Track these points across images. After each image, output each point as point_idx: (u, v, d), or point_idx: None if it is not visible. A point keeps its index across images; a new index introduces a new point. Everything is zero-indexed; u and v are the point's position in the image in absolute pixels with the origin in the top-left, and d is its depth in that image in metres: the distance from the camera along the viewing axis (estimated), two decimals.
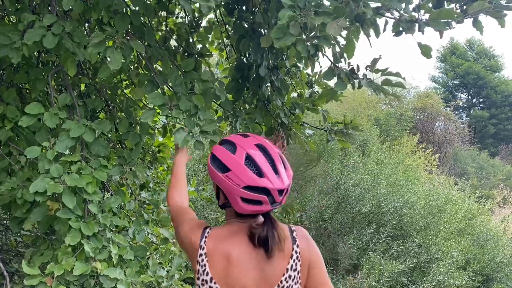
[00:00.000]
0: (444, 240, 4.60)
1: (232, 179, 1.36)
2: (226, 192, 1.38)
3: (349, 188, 4.58)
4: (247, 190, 1.34)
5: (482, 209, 6.58)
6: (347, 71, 1.76)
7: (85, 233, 1.90)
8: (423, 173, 9.25)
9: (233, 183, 1.35)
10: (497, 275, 5.19)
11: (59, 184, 1.81)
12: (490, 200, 8.52)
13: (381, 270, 3.52)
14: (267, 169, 1.36)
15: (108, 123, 2.01)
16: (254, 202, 1.36)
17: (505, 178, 19.34)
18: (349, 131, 2.34)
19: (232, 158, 1.37)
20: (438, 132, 21.10)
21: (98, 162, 1.94)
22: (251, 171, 1.35)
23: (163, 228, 2.32)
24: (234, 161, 1.36)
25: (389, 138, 13.38)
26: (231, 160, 1.37)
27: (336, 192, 4.62)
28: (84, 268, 1.88)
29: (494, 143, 28.89)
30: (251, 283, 1.39)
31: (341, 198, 4.61)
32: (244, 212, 1.39)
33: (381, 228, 4.20)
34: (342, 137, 2.34)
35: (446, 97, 29.52)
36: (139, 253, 2.17)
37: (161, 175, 3.06)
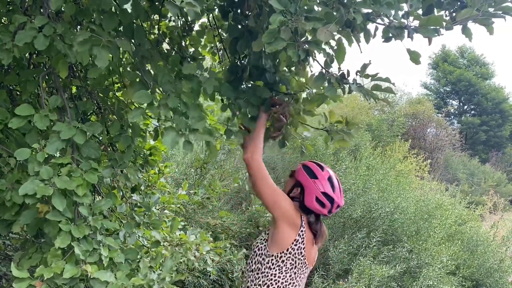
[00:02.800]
0: (434, 245, 4.63)
1: (317, 184, 2.09)
2: (307, 190, 2.09)
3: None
4: (323, 195, 2.07)
5: (472, 215, 6.63)
6: (338, 76, 1.78)
7: (76, 235, 1.88)
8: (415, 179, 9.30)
9: (317, 187, 2.08)
10: (487, 281, 5.23)
11: (49, 187, 1.80)
12: (480, 206, 8.59)
13: (372, 275, 3.54)
14: (337, 189, 2.11)
15: (99, 125, 2.00)
16: (321, 204, 2.08)
17: (496, 184, 19.53)
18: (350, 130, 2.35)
19: (320, 173, 2.11)
20: (430, 138, 21.25)
21: (89, 164, 1.93)
22: (329, 186, 2.09)
23: (155, 231, 2.32)
24: (321, 175, 2.10)
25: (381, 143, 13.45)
26: (319, 174, 2.11)
27: None
28: (74, 271, 1.86)
29: (484, 149, 29.16)
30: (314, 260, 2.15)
31: None
32: (311, 207, 2.09)
33: (372, 233, 4.22)
34: (343, 136, 2.34)
35: (438, 103, 29.78)
36: (130, 256, 2.16)
37: (153, 178, 3.05)
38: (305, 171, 2.14)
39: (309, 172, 2.13)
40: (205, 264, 3.12)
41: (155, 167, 2.92)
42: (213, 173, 4.96)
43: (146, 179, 2.98)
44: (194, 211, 4.41)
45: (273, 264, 2.04)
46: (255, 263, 2.11)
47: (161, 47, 2.37)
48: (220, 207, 4.94)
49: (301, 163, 2.20)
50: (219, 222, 4.44)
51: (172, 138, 1.78)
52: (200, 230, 3.14)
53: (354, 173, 5.40)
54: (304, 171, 2.14)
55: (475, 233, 5.84)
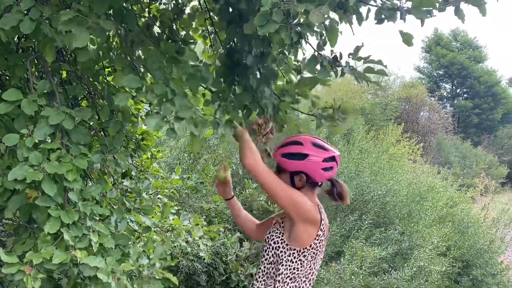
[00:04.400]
0: (425, 227, 4.68)
1: (313, 159, 1.97)
2: (311, 171, 1.98)
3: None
4: (325, 162, 1.97)
5: (463, 197, 6.70)
6: (330, 59, 1.76)
7: (65, 221, 1.87)
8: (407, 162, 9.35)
9: (315, 162, 1.97)
10: (477, 261, 5.31)
11: (39, 172, 1.79)
12: (471, 188, 8.68)
13: (363, 257, 3.58)
14: (326, 145, 2.03)
15: (88, 110, 1.98)
16: (329, 169, 2.00)
17: (487, 167, 19.71)
18: (339, 115, 2.33)
19: (304, 148, 1.98)
20: (423, 122, 21.35)
21: (78, 149, 1.91)
22: (320, 149, 1.98)
23: (145, 217, 2.31)
24: (307, 149, 1.98)
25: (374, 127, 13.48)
26: (304, 149, 1.98)
27: None
28: (63, 256, 1.86)
29: (477, 132, 29.35)
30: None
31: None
32: (323, 179, 2.03)
33: (364, 216, 4.25)
34: (333, 122, 2.33)
35: (431, 87, 29.81)
36: (121, 241, 2.15)
37: (145, 163, 3.04)
38: (291, 159, 2.00)
39: (294, 156, 2.00)
40: (198, 249, 3.13)
41: (148, 152, 2.90)
42: (206, 158, 4.95)
43: (138, 164, 2.97)
44: (188, 196, 4.41)
45: (295, 258, 2.00)
46: (272, 256, 2.05)
47: (151, 30, 2.33)
48: (214, 192, 4.95)
49: (277, 154, 2.07)
50: (212, 206, 4.45)
51: (155, 122, 1.78)
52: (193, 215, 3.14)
53: (347, 157, 5.41)
54: (289, 159, 2.01)
55: (466, 215, 5.91)
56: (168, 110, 1.79)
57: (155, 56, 1.90)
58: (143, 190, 2.42)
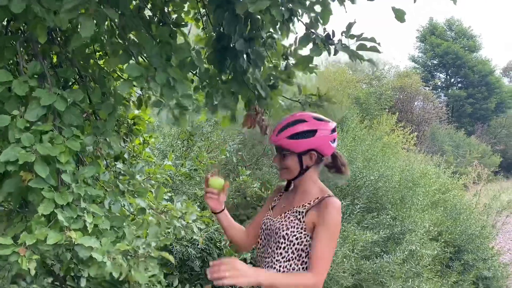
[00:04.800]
0: (417, 212, 4.73)
1: (322, 133, 1.89)
2: (321, 145, 1.89)
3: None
4: (332, 133, 1.92)
5: (456, 183, 6.77)
6: (323, 37, 1.77)
7: (59, 202, 1.88)
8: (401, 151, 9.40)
9: (325, 135, 1.89)
10: (468, 247, 5.38)
11: (31, 153, 1.79)
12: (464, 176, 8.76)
13: (355, 240, 3.61)
14: (325, 117, 1.95)
15: (80, 92, 1.98)
16: (335, 141, 1.95)
17: (480, 156, 19.86)
18: (323, 103, 2.36)
19: (310, 124, 1.89)
20: (417, 111, 21.44)
21: (71, 131, 1.92)
22: (325, 122, 1.91)
23: (140, 199, 2.32)
24: (314, 124, 1.89)
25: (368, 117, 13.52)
26: (311, 125, 1.89)
27: None
28: (58, 237, 1.87)
29: (470, 122, 29.52)
30: None
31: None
32: (332, 151, 1.96)
33: (356, 200, 4.29)
34: (316, 109, 2.36)
35: (425, 76, 29.88)
36: (116, 223, 2.16)
37: (138, 149, 3.04)
38: (299, 138, 1.88)
39: (303, 134, 1.88)
40: (192, 233, 3.15)
41: (140, 137, 2.90)
42: (200, 145, 4.95)
43: (131, 150, 2.97)
44: (182, 183, 4.42)
45: None
46: (292, 253, 1.91)
47: (142, 13, 2.33)
48: None
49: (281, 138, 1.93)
50: None
51: (166, 115, 1.80)
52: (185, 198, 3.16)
53: (341, 144, 5.43)
54: (298, 139, 1.89)
55: (458, 202, 5.97)
56: (170, 98, 1.81)
57: (151, 42, 1.90)
58: (136, 173, 2.43)
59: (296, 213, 1.94)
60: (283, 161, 1.94)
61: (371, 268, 3.67)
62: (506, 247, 8.36)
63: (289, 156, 1.92)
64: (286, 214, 1.97)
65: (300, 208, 1.94)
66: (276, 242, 1.94)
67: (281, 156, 1.95)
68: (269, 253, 1.97)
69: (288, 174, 1.98)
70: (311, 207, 1.90)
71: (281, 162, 1.95)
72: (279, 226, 1.95)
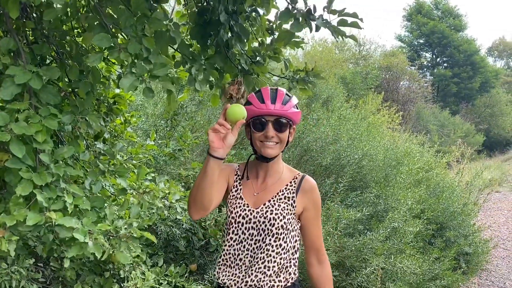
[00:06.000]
0: (401, 190, 4.79)
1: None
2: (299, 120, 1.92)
3: (310, 141, 4.65)
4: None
5: (439, 162, 6.85)
6: (304, 12, 1.73)
7: (37, 183, 1.84)
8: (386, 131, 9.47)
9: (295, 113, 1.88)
10: (450, 224, 5.48)
11: (6, 133, 1.74)
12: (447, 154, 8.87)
13: (339, 218, 3.65)
14: None
15: (56, 69, 1.92)
16: None
17: (464, 135, 20.13)
18: (311, 78, 2.33)
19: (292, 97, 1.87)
20: (403, 91, 21.53)
21: (48, 110, 1.87)
22: None
23: (120, 179, 2.30)
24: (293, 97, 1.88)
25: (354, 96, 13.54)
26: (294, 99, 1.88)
27: (298, 146, 4.68)
28: (37, 218, 1.84)
29: (455, 101, 29.80)
30: None
31: (303, 152, 4.68)
32: None
33: (340, 179, 4.32)
34: (304, 85, 2.34)
35: (412, 56, 29.96)
36: (97, 203, 2.14)
37: (119, 129, 3.00)
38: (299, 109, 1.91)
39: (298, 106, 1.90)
40: (175, 213, 3.14)
41: (121, 117, 2.86)
42: (184, 125, 4.91)
43: (112, 129, 2.93)
44: (166, 163, 4.39)
45: None
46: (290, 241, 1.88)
47: None
48: (193, 159, 4.94)
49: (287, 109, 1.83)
50: (191, 173, 4.45)
51: (130, 82, 1.71)
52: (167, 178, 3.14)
53: (326, 124, 5.44)
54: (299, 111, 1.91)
55: (441, 180, 6.05)
56: (143, 69, 1.74)
57: (126, 14, 1.84)
58: (116, 152, 2.40)
59: (285, 199, 1.88)
60: (280, 134, 1.83)
61: (354, 245, 3.72)
62: (487, 223, 8.55)
63: (287, 128, 1.84)
64: (275, 202, 1.87)
65: (288, 193, 1.88)
66: (273, 234, 1.83)
67: (279, 128, 1.82)
68: (264, 247, 1.84)
69: (278, 149, 1.86)
70: (297, 190, 1.88)
71: (277, 135, 1.83)
72: (273, 216, 1.84)
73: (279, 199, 1.87)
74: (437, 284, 4.26)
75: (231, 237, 1.90)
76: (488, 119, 26.55)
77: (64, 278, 3.19)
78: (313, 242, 1.94)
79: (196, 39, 2.22)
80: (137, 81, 1.73)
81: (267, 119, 1.81)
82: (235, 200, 1.92)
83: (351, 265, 3.80)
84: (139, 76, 1.74)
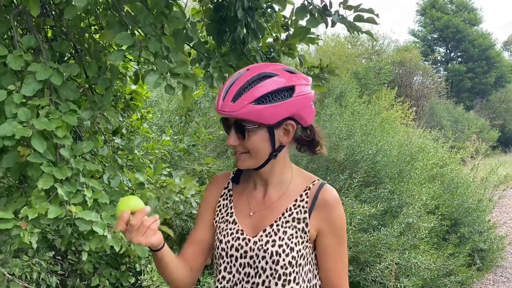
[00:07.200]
0: (415, 186, 4.77)
1: (302, 91, 1.27)
2: (301, 110, 1.28)
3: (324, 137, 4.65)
4: (311, 89, 1.33)
5: (454, 157, 6.80)
6: (320, 8, 1.74)
7: (58, 177, 1.89)
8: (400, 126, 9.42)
9: (305, 92, 1.28)
10: (465, 220, 5.45)
11: (28, 128, 1.79)
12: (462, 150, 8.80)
13: (353, 213, 3.66)
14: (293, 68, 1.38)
15: (76, 66, 1.96)
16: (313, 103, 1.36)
17: (479, 131, 19.89)
18: (325, 75, 2.34)
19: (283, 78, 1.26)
20: (416, 86, 21.33)
21: (67, 106, 1.91)
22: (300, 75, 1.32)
23: (138, 173, 2.33)
24: (289, 78, 1.26)
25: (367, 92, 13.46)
26: (286, 81, 1.25)
27: None
28: (58, 211, 1.88)
29: (469, 97, 29.43)
30: None
31: None
32: (312, 118, 1.36)
33: (354, 174, 4.32)
34: (318, 81, 2.34)
35: (425, 51, 29.64)
36: (115, 197, 2.18)
37: (135, 124, 3.04)
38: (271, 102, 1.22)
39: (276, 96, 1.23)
40: (191, 207, 3.18)
41: (137, 112, 2.90)
42: (198, 120, 4.94)
43: (129, 125, 2.97)
44: (180, 158, 4.44)
45: None
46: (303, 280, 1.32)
47: None
48: (206, 154, 4.98)
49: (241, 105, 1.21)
50: (205, 169, 4.49)
51: (154, 79, 1.76)
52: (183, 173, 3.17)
53: (339, 119, 5.44)
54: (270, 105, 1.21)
55: (456, 175, 6.01)
56: (164, 67, 1.78)
57: (145, 12, 1.87)
58: (134, 147, 2.44)
59: (294, 221, 1.31)
60: (244, 142, 1.26)
61: (368, 240, 3.72)
62: (502, 220, 8.46)
63: (255, 132, 1.25)
64: (279, 227, 1.30)
65: (297, 212, 1.32)
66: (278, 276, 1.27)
67: (240, 134, 1.26)
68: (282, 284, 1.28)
69: (251, 161, 1.30)
70: (312, 207, 1.31)
71: (241, 142, 1.27)
72: (276, 250, 1.27)
73: (285, 221, 1.31)
74: (452, 280, 4.24)
75: (223, 276, 1.36)
76: (504, 115, 26.18)
77: (82, 271, 3.26)
78: (330, 280, 1.34)
79: (212, 36, 2.24)
80: (161, 79, 1.77)
81: (230, 122, 1.28)
82: (225, 224, 1.38)
83: (365, 260, 3.80)
84: (161, 74, 1.78)
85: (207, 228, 1.44)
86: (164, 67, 1.79)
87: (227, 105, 1.22)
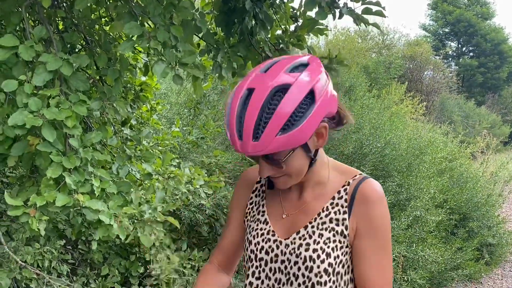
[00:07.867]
0: (423, 180, 4.76)
1: (321, 86, 1.10)
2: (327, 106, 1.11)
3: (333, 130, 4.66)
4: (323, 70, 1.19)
5: (463, 152, 6.76)
6: (328, 0, 1.75)
7: (67, 166, 1.92)
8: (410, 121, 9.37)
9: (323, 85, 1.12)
10: (474, 214, 5.42)
11: (38, 118, 1.82)
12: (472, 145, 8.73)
13: None
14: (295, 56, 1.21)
15: (86, 57, 1.98)
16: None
17: (490, 126, 19.69)
18: (335, 65, 2.34)
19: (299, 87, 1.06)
20: (427, 81, 21.16)
21: (77, 96, 1.94)
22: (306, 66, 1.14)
23: (146, 164, 2.36)
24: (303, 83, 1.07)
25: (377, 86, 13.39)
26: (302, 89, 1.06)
27: None
28: (66, 199, 1.91)
29: (481, 92, 29.10)
30: None
31: None
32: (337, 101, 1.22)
33: (362, 167, 4.32)
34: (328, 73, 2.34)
35: (436, 45, 29.33)
36: (123, 188, 2.21)
37: (145, 116, 3.07)
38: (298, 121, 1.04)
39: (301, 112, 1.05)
40: (199, 198, 3.21)
41: (147, 104, 2.92)
42: (206, 113, 4.97)
43: (138, 117, 3.00)
44: (189, 150, 4.47)
45: None
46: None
47: None
48: (215, 147, 5.01)
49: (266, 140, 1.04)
50: (213, 161, 4.51)
51: (161, 68, 1.78)
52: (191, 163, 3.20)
53: None
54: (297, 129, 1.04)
55: (465, 170, 5.98)
56: (172, 56, 1.79)
57: (154, 2, 1.89)
58: (143, 138, 2.46)
59: (332, 222, 1.17)
60: (283, 169, 1.14)
61: None
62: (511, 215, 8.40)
63: (291, 158, 1.12)
64: (314, 230, 1.17)
65: (336, 212, 1.18)
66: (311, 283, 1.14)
67: (275, 166, 1.13)
68: None
69: (292, 180, 1.18)
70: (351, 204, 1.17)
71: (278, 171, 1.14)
72: (310, 255, 1.14)
73: (322, 223, 1.18)
74: (459, 274, 4.24)
75: (251, 282, 1.24)
76: None
77: (92, 260, 3.32)
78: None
79: (221, 27, 2.25)
80: (168, 68, 1.78)
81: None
82: (256, 224, 1.27)
83: None
84: (169, 64, 1.80)
85: (238, 228, 1.35)
86: (172, 57, 1.81)
87: (249, 144, 1.04)
